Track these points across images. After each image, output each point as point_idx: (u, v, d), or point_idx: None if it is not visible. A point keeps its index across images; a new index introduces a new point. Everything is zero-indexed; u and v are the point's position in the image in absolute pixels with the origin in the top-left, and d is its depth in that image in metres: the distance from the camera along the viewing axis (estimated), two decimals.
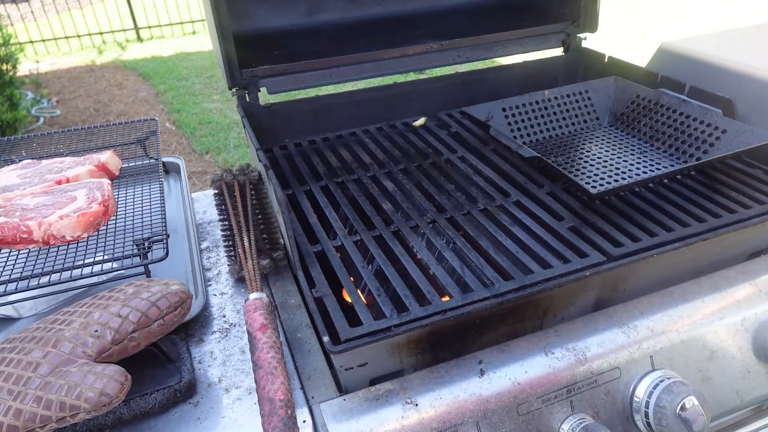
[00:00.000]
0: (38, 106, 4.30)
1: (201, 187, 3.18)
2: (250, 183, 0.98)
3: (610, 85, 1.29)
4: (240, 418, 0.69)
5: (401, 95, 1.25)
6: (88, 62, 5.52)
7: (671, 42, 1.31)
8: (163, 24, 6.33)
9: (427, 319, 0.65)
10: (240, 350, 0.79)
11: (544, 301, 0.75)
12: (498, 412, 0.68)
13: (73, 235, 0.82)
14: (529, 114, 1.25)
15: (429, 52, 1.24)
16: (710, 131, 1.08)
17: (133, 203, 0.95)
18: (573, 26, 1.34)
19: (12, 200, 0.87)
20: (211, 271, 0.96)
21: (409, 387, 0.69)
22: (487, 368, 0.71)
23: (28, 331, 0.65)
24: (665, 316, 0.79)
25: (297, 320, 0.84)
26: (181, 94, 4.60)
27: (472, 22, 1.30)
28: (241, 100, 1.12)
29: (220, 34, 1.01)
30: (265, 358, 0.67)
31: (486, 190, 0.93)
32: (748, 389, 0.80)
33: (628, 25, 5.74)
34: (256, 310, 0.73)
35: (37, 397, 0.57)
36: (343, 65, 1.18)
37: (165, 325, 0.67)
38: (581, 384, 0.72)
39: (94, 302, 0.67)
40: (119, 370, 0.60)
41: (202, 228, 1.08)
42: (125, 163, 1.08)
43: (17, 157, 1.09)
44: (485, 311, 0.68)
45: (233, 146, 3.71)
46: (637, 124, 1.23)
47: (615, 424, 0.73)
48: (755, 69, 1.11)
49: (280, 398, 0.63)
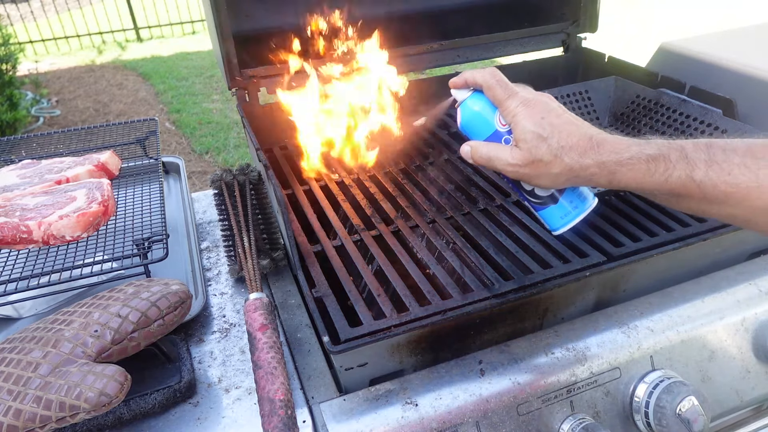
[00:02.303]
0: (38, 106, 4.30)
1: (201, 187, 3.18)
2: (250, 183, 0.98)
3: (610, 85, 1.29)
4: (240, 419, 0.69)
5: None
6: (87, 62, 5.52)
7: (671, 42, 1.31)
8: (163, 24, 6.33)
9: (427, 319, 0.65)
10: (240, 350, 0.79)
11: (544, 301, 0.75)
12: (498, 412, 0.68)
13: (72, 235, 0.81)
14: None
15: (429, 52, 1.24)
16: (710, 131, 1.08)
17: (133, 203, 0.95)
18: (573, 26, 1.34)
19: (12, 200, 0.87)
20: (211, 271, 0.96)
21: (409, 387, 0.69)
22: (487, 368, 0.71)
23: (28, 331, 0.65)
24: (665, 316, 0.79)
25: (297, 320, 0.84)
26: (180, 94, 4.60)
27: (472, 22, 1.30)
28: (241, 100, 1.12)
29: (220, 34, 1.01)
30: (265, 358, 0.67)
31: (486, 190, 0.93)
32: (747, 389, 0.80)
33: (628, 25, 5.74)
34: (256, 310, 0.73)
35: (37, 397, 0.57)
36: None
37: (165, 325, 0.67)
38: (581, 384, 0.72)
39: (94, 302, 0.67)
40: (119, 370, 0.60)
41: (202, 228, 1.08)
42: (125, 163, 1.08)
43: (17, 157, 1.09)
44: (485, 311, 0.68)
45: (233, 146, 3.71)
46: (637, 124, 1.23)
47: (615, 424, 0.73)
48: (756, 69, 1.11)
49: (280, 398, 0.63)
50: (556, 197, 0.63)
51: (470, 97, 0.64)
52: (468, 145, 0.64)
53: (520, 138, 0.58)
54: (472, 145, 0.64)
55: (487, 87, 0.62)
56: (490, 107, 0.63)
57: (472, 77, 0.63)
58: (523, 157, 0.58)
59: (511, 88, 0.61)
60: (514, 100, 0.60)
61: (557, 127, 0.57)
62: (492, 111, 0.62)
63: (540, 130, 0.57)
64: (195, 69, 5.18)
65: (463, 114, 0.65)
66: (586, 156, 0.56)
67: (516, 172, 0.60)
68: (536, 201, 0.64)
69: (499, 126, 0.62)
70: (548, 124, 0.57)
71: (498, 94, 0.61)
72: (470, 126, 0.65)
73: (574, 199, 0.64)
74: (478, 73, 0.63)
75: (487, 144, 0.62)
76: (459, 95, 0.66)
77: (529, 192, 0.64)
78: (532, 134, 0.57)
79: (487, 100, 0.63)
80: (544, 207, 0.64)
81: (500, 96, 0.61)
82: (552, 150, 0.57)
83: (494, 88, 0.61)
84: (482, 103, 0.63)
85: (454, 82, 0.66)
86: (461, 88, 0.65)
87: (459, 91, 0.66)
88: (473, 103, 0.64)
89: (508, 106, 0.60)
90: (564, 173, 0.57)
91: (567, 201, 0.63)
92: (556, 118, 0.58)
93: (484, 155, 0.62)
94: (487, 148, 0.62)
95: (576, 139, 0.56)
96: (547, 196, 0.64)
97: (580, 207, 0.64)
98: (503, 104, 0.60)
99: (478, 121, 0.64)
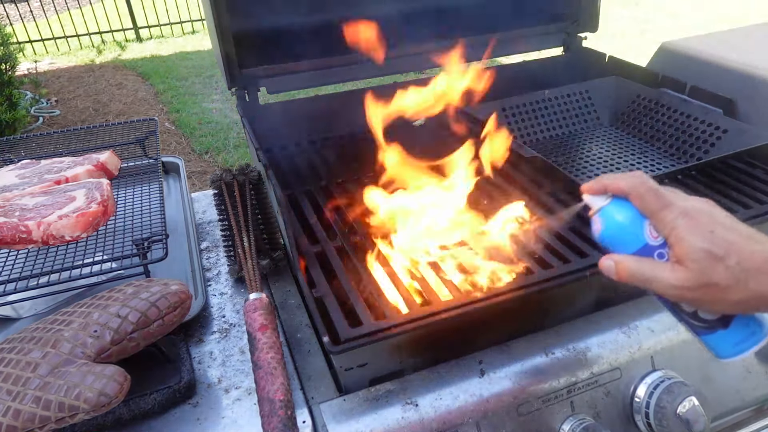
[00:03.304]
0: (37, 105, 4.30)
1: (201, 187, 3.18)
2: (250, 183, 0.98)
3: (611, 84, 1.29)
4: (240, 419, 0.69)
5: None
6: (87, 62, 5.52)
7: (672, 42, 1.31)
8: (163, 24, 6.33)
9: (427, 319, 0.65)
10: (240, 350, 0.79)
11: (544, 301, 0.75)
12: (498, 413, 0.68)
13: (72, 235, 0.81)
14: (529, 114, 1.25)
15: (429, 52, 1.24)
16: (711, 131, 1.08)
17: (133, 203, 0.95)
18: (573, 26, 1.34)
19: (11, 200, 0.87)
20: (211, 271, 0.95)
21: (409, 387, 0.69)
22: (487, 368, 0.71)
23: (27, 332, 0.65)
24: (666, 316, 0.79)
25: (297, 320, 0.84)
26: (180, 93, 4.60)
27: (472, 22, 1.29)
28: (240, 100, 1.12)
29: (219, 34, 1.01)
30: (265, 359, 0.67)
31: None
32: (748, 389, 0.80)
33: (628, 25, 5.74)
34: (255, 311, 0.73)
35: (36, 398, 0.57)
36: (343, 65, 1.18)
37: (164, 326, 0.67)
38: (581, 384, 0.72)
39: (94, 302, 0.67)
40: (118, 371, 0.60)
41: (201, 228, 1.08)
42: (124, 163, 1.08)
43: (16, 157, 1.09)
44: (485, 311, 0.68)
45: (233, 146, 3.71)
46: (637, 124, 1.23)
47: (615, 425, 0.73)
48: (756, 68, 1.11)
49: (280, 399, 0.63)
50: (728, 321, 0.54)
51: (612, 204, 0.56)
52: (611, 260, 0.55)
53: (687, 257, 0.50)
54: (616, 259, 0.55)
55: (636, 196, 0.54)
56: (637, 217, 0.54)
57: (616, 184, 0.55)
58: (692, 279, 0.49)
59: (664, 196, 0.53)
60: (672, 211, 0.51)
61: (734, 245, 0.49)
62: (640, 221, 0.54)
63: (713, 247, 0.49)
64: (195, 69, 5.18)
65: (605, 224, 0.57)
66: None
67: (681, 296, 0.51)
68: (700, 325, 0.55)
69: (650, 239, 0.54)
70: (722, 240, 0.49)
71: (650, 205, 0.53)
72: (613, 238, 0.57)
73: (751, 323, 0.53)
74: (622, 180, 0.55)
75: (638, 260, 0.54)
76: (594, 202, 0.58)
77: (691, 314, 0.55)
78: (703, 252, 0.49)
79: (633, 209, 0.54)
80: (711, 332, 0.55)
81: (653, 206, 0.52)
82: (732, 273, 0.48)
83: (645, 197, 0.53)
84: (627, 212, 0.55)
85: (590, 187, 0.57)
86: (598, 194, 0.57)
87: (595, 198, 0.58)
88: (616, 211, 0.56)
89: (664, 218, 0.52)
90: (748, 301, 0.49)
91: (742, 325, 0.54)
92: (730, 232, 0.49)
93: (635, 273, 0.53)
94: (638, 264, 0.53)
95: (761, 260, 0.48)
96: (716, 319, 0.54)
97: (759, 333, 0.54)
98: (657, 216, 0.52)
99: (624, 232, 0.55)
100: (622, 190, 0.55)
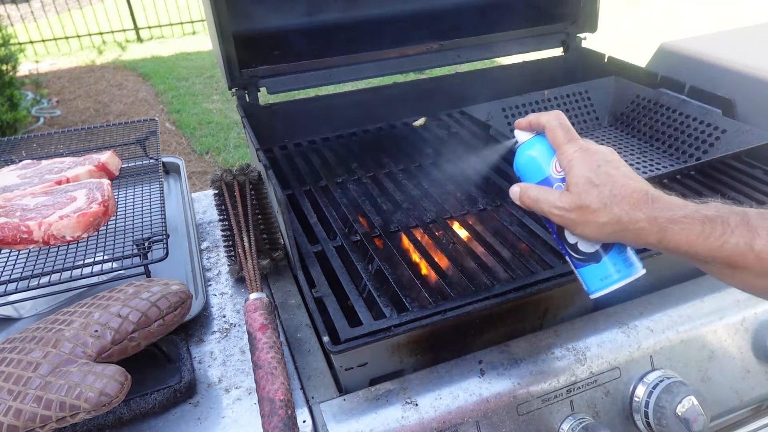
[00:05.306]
0: (38, 106, 4.30)
1: (201, 187, 3.18)
2: (250, 183, 0.98)
3: (610, 85, 1.30)
4: (240, 419, 0.69)
5: (401, 95, 1.25)
6: (88, 62, 5.52)
7: (671, 42, 1.31)
8: (163, 24, 6.33)
9: (427, 319, 0.65)
10: (240, 350, 0.79)
11: (544, 301, 0.75)
12: (498, 412, 0.68)
13: (73, 235, 0.82)
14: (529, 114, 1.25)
15: (429, 52, 1.24)
16: (710, 131, 1.08)
17: (133, 203, 0.95)
18: (572, 26, 1.34)
19: (12, 200, 0.87)
20: (211, 271, 0.96)
21: (409, 387, 0.69)
22: (487, 368, 0.71)
23: (28, 331, 0.65)
24: (665, 316, 0.79)
25: (297, 320, 0.84)
26: (180, 94, 4.60)
27: (472, 22, 1.30)
28: (241, 100, 1.12)
29: (220, 34, 1.01)
30: (265, 358, 0.67)
31: (486, 190, 0.93)
32: (747, 389, 0.80)
33: (628, 25, 5.74)
34: (256, 310, 0.73)
35: (37, 397, 0.57)
36: (343, 65, 1.18)
37: (165, 326, 0.67)
38: (581, 384, 0.72)
39: (94, 302, 0.67)
40: (119, 370, 0.60)
41: (202, 228, 1.08)
42: (125, 164, 1.08)
43: (17, 158, 1.09)
44: (485, 311, 0.68)
45: (233, 146, 3.71)
46: (636, 124, 1.23)
47: (615, 424, 0.74)
48: (755, 69, 1.11)
49: (280, 398, 0.63)
50: (600, 256, 0.59)
51: (531, 140, 0.63)
52: (518, 186, 0.62)
53: (572, 182, 0.56)
54: (522, 186, 0.62)
55: (549, 128, 0.60)
56: (547, 152, 0.61)
57: (537, 120, 0.62)
58: (571, 201, 0.56)
59: (573, 133, 0.60)
60: (574, 145, 0.58)
61: (612, 177, 0.55)
62: (549, 157, 0.61)
63: (594, 176, 0.55)
64: (195, 69, 5.18)
65: (519, 155, 0.63)
66: (637, 209, 0.53)
67: (561, 216, 0.57)
68: (578, 257, 0.61)
69: (553, 172, 0.60)
70: (604, 173, 0.55)
71: (559, 137, 0.59)
72: (524, 168, 0.63)
73: (619, 263, 0.59)
74: (543, 116, 0.61)
75: (537, 186, 0.61)
76: (521, 137, 0.64)
77: (572, 246, 0.61)
78: (585, 179, 0.55)
79: (547, 145, 0.61)
80: (585, 265, 0.60)
81: (561, 139, 0.59)
82: (602, 198, 0.54)
83: (556, 130, 0.60)
84: (541, 147, 0.62)
85: (519, 123, 0.64)
86: (525, 129, 0.64)
87: (522, 133, 0.64)
88: (532, 145, 0.62)
89: (566, 150, 0.58)
90: (611, 224, 0.54)
91: (611, 263, 0.59)
92: (614, 169, 0.56)
93: (532, 196, 0.60)
94: (536, 190, 0.60)
95: (629, 191, 0.54)
96: (591, 253, 0.60)
97: (624, 272, 0.59)
98: (562, 147, 0.59)
99: (533, 164, 0.62)
100: (541, 125, 0.62)
